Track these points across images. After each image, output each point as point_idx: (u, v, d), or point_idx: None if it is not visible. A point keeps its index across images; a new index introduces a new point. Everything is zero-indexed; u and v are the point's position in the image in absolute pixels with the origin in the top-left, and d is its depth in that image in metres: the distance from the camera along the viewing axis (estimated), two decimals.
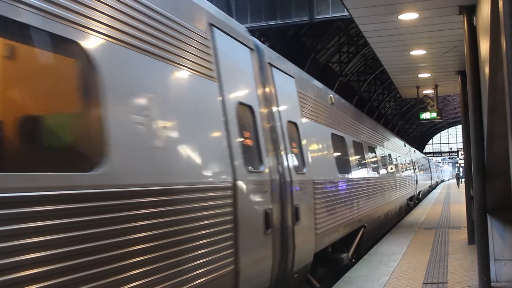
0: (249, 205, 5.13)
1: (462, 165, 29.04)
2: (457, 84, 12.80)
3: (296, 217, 6.49)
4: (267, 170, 5.70)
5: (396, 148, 20.12)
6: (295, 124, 7.17)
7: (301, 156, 7.21)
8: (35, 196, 2.65)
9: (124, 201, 3.28)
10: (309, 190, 7.19)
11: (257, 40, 6.53)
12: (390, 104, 59.32)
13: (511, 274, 8.18)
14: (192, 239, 4.04)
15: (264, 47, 6.66)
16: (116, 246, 3.18)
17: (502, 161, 6.21)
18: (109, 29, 3.40)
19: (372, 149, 14.04)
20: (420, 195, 30.19)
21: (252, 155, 5.52)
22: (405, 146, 24.54)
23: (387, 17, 8.49)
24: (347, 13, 8.98)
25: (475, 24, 7.59)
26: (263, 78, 6.27)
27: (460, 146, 62.95)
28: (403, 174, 20.82)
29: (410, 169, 24.44)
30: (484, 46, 5.81)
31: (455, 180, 59.66)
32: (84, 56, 3.17)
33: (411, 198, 23.59)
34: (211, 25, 4.97)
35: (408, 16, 8.42)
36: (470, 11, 7.68)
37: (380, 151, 15.56)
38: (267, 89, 6.29)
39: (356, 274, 9.12)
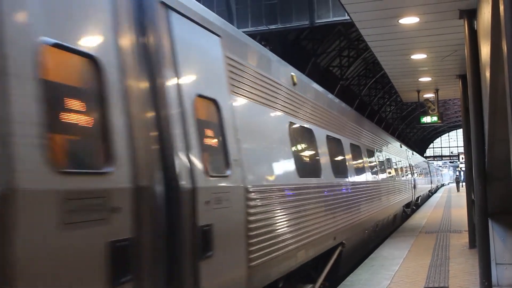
0: (61, 237, 2.87)
1: (463, 168, 29.02)
2: (457, 88, 12.81)
3: (205, 247, 4.26)
4: (124, 170, 3.46)
5: (389, 149, 18.70)
6: (214, 102, 4.92)
7: (223, 150, 4.94)
8: None
9: None
10: (237, 201, 4.98)
11: None
12: (391, 108, 59.33)
13: None
14: None
15: None
16: None
17: (503, 164, 6.22)
18: None
19: (355, 148, 11.71)
20: (419, 201, 28.83)
21: (86, 144, 3.40)
22: (401, 147, 23.18)
23: (388, 21, 8.51)
24: (348, 17, 8.97)
25: (475, 28, 7.61)
26: (143, 21, 4.06)
27: (461, 150, 63.00)
28: (397, 178, 19.22)
29: (407, 173, 23.15)
30: (485, 50, 5.82)
31: (455, 184, 59.61)
32: None
33: (408, 205, 22.11)
34: None
35: (409, 20, 8.43)
36: (471, 15, 7.69)
37: (367, 151, 13.28)
38: (150, 41, 4.09)
39: (357, 278, 9.12)
